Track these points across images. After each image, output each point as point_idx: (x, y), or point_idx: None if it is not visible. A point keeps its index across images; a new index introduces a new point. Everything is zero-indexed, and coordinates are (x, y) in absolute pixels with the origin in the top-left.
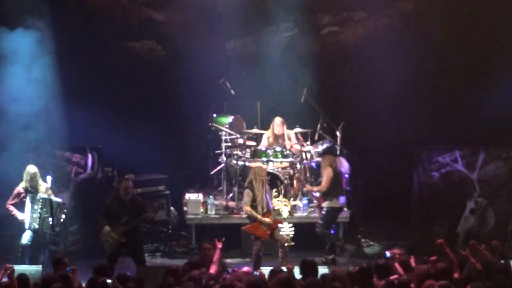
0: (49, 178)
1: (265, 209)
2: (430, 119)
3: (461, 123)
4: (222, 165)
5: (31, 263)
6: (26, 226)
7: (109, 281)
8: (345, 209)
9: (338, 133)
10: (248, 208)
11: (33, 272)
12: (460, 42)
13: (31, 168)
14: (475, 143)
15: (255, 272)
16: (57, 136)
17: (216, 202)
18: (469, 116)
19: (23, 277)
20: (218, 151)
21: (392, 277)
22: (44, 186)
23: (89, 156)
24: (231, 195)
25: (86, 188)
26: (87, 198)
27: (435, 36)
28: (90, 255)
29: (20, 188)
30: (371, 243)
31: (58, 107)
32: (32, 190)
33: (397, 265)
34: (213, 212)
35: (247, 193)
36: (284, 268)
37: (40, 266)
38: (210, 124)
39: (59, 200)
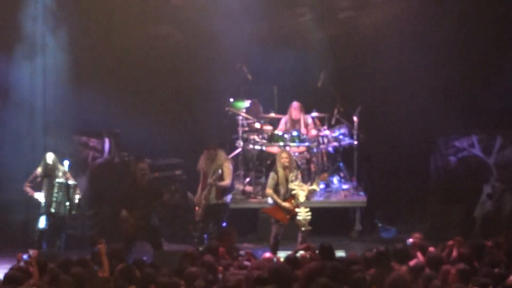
0: (66, 163)
1: (288, 194)
2: (448, 103)
3: (478, 107)
4: (239, 149)
5: (48, 247)
6: (42, 210)
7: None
8: (362, 193)
9: (355, 118)
10: (269, 191)
11: (50, 256)
12: (479, 26)
13: (48, 157)
14: (492, 128)
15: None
16: (74, 121)
17: None
18: (486, 100)
19: (41, 261)
20: (235, 136)
21: (411, 262)
22: (62, 170)
23: (106, 141)
24: (248, 179)
25: (103, 172)
26: (104, 182)
27: (453, 20)
28: (107, 239)
29: (37, 171)
30: (388, 227)
31: (75, 91)
32: (48, 175)
33: (418, 253)
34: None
35: (271, 176)
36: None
37: (57, 250)
38: (227, 108)
39: (72, 182)
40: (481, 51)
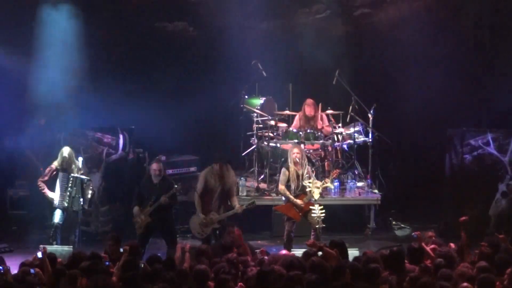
0: (80, 159)
1: (298, 190)
2: (463, 101)
3: (493, 105)
4: (254, 146)
5: (62, 242)
6: (56, 204)
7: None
8: (376, 191)
9: (370, 115)
10: (282, 187)
11: (64, 252)
12: (494, 23)
13: (65, 151)
14: (508, 126)
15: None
16: (88, 117)
17: (248, 184)
18: (502, 99)
19: (51, 256)
20: (250, 133)
21: (426, 262)
22: (77, 165)
23: (121, 137)
24: (262, 176)
25: (117, 168)
26: (118, 179)
27: (469, 17)
28: (120, 235)
29: (53, 165)
30: (402, 225)
31: (89, 87)
32: (64, 169)
33: (428, 249)
34: (244, 194)
35: (283, 172)
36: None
37: (71, 246)
38: (241, 105)
39: (86, 177)
40: (497, 48)
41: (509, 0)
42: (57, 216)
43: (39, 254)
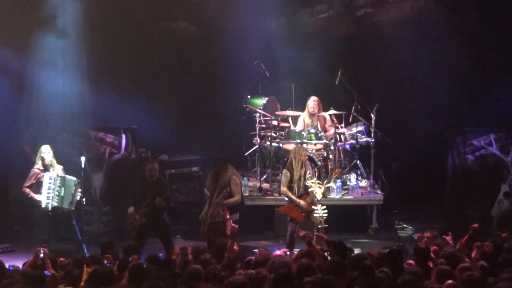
0: (82, 159)
1: (302, 191)
2: (465, 101)
3: (496, 106)
4: (256, 146)
5: (61, 242)
6: (43, 205)
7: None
8: (379, 191)
9: (372, 115)
10: (284, 189)
11: (66, 253)
12: (496, 24)
13: (44, 149)
14: (511, 127)
15: (287, 253)
16: (91, 117)
17: (250, 184)
18: (505, 99)
19: (51, 257)
20: (252, 133)
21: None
22: (60, 168)
23: (123, 136)
24: (264, 176)
25: (119, 168)
26: (120, 178)
27: (470, 18)
28: (123, 236)
29: (35, 169)
30: (405, 226)
31: (92, 87)
32: (47, 169)
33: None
34: (247, 194)
35: (284, 173)
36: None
37: (73, 246)
38: (244, 105)
39: (74, 178)
40: (499, 48)
41: None
42: (48, 217)
43: (41, 255)
